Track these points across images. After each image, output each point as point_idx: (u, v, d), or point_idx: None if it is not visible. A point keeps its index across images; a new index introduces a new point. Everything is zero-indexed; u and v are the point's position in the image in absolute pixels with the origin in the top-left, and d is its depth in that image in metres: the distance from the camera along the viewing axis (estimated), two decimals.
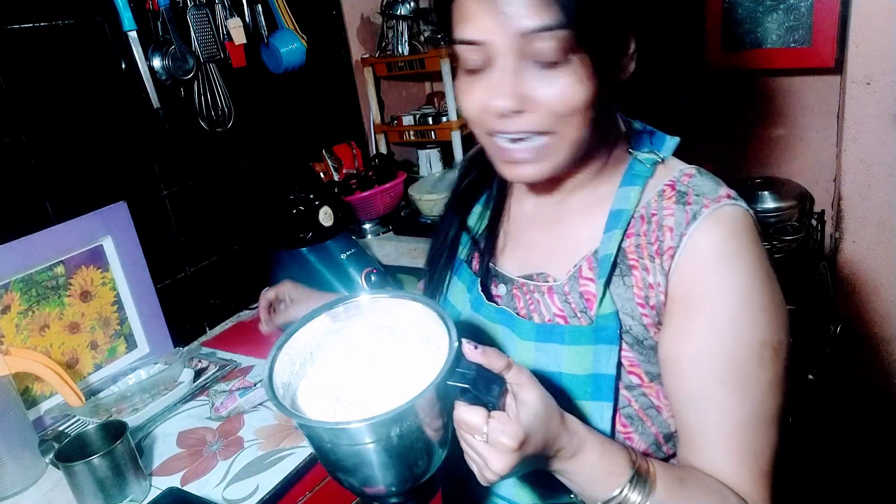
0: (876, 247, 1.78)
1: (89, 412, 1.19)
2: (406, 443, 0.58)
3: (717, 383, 0.65)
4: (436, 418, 0.60)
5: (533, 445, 0.58)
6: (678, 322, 0.66)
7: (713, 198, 0.66)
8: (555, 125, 0.63)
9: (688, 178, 0.70)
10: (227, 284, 1.63)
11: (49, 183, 1.29)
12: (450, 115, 2.01)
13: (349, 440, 0.58)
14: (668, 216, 0.67)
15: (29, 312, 1.24)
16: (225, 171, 1.63)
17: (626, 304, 0.69)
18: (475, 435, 0.57)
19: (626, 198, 0.70)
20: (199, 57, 1.50)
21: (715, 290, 0.64)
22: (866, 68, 1.65)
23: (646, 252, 0.68)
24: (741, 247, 0.65)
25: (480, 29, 0.61)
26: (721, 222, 0.65)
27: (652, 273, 0.67)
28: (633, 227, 0.70)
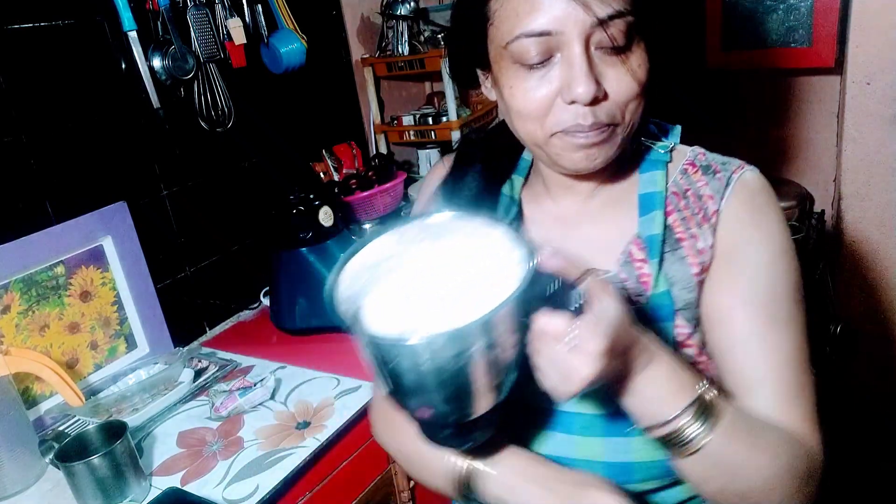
0: (876, 247, 1.78)
1: (89, 412, 1.19)
2: (483, 360, 0.54)
3: (765, 323, 0.68)
4: (512, 334, 0.55)
5: (618, 350, 0.57)
6: (723, 273, 0.70)
7: (736, 166, 0.73)
8: (619, 115, 0.65)
9: (703, 155, 0.75)
10: (227, 284, 1.63)
11: (49, 183, 1.29)
12: (449, 115, 2.01)
13: (430, 354, 0.53)
14: (704, 186, 0.72)
15: (29, 312, 1.24)
16: (225, 171, 1.63)
17: (682, 278, 0.71)
18: (560, 341, 0.55)
19: (652, 181, 0.73)
20: (199, 57, 1.50)
21: (754, 237, 0.70)
22: (866, 68, 1.65)
23: (693, 222, 0.71)
24: (768, 199, 0.72)
25: (549, 19, 0.60)
26: (749, 182, 0.72)
27: (701, 238, 0.71)
28: (670, 204, 0.73)
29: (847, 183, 1.77)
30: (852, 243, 1.81)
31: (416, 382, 0.56)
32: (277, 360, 1.38)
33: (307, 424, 1.15)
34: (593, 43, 0.61)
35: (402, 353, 0.54)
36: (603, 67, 0.63)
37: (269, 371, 1.33)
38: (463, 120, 2.04)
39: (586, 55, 0.61)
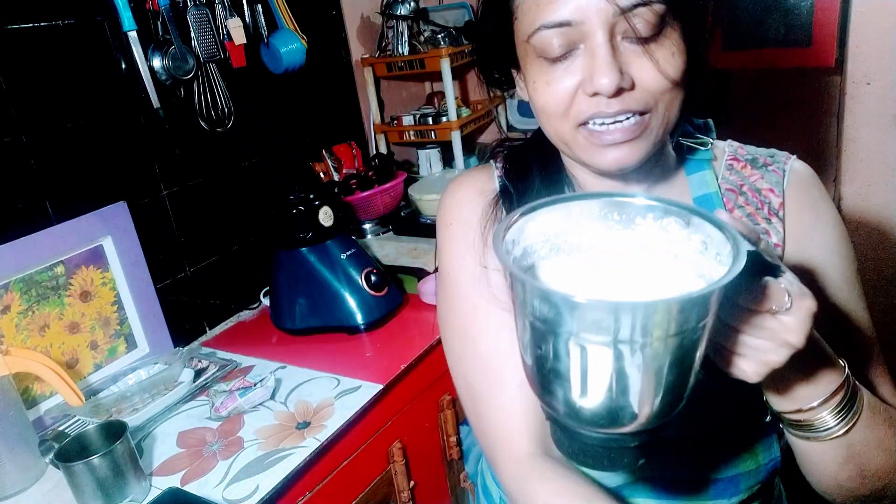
0: (876, 246, 1.78)
1: (89, 412, 1.19)
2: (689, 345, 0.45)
3: (847, 302, 0.71)
4: (716, 318, 0.47)
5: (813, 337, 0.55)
6: (798, 261, 0.71)
7: (783, 157, 0.75)
8: (651, 103, 0.61)
9: (741, 149, 0.76)
10: (227, 284, 1.63)
11: (49, 183, 1.29)
12: (449, 115, 2.01)
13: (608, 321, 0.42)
14: (759, 180, 0.73)
15: (29, 312, 1.24)
16: (225, 171, 1.63)
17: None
18: (772, 307, 0.50)
19: (703, 182, 0.73)
20: (199, 57, 1.50)
21: (820, 223, 0.72)
22: (866, 68, 1.65)
23: (759, 217, 0.71)
24: (821, 187, 0.74)
25: (570, 9, 0.59)
26: (801, 171, 0.74)
27: (774, 233, 0.71)
28: (729, 202, 0.72)
29: (847, 183, 1.77)
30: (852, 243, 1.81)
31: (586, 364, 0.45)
32: (277, 360, 1.38)
33: (307, 424, 1.15)
34: (619, 32, 0.59)
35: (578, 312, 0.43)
36: (630, 57, 0.60)
37: (269, 371, 1.33)
38: (463, 120, 2.04)
39: (610, 45, 0.59)
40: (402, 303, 1.52)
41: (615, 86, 0.59)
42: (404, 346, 1.37)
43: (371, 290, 1.44)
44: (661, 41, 0.60)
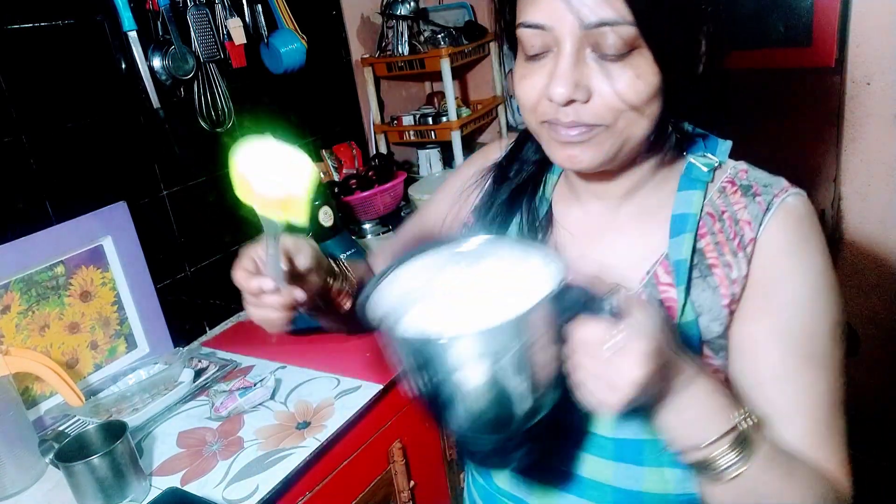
0: (876, 247, 1.78)
1: (89, 412, 1.19)
2: (519, 366, 0.53)
3: (801, 361, 0.65)
4: (548, 345, 0.55)
5: (662, 356, 0.55)
6: (756, 303, 0.66)
7: (779, 189, 0.68)
8: (608, 118, 0.62)
9: (744, 172, 0.71)
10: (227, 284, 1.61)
11: (49, 183, 1.29)
12: (449, 115, 2.01)
13: (462, 352, 0.53)
14: (742, 209, 0.68)
15: (29, 312, 1.24)
16: (225, 171, 1.63)
17: (712, 308, 0.67)
18: (605, 345, 0.53)
19: (689, 202, 0.69)
20: (199, 57, 1.50)
21: (795, 269, 0.66)
22: (866, 68, 1.65)
23: (727, 248, 0.67)
24: (811, 229, 0.67)
25: (545, 14, 0.60)
26: (793, 208, 0.67)
27: (736, 267, 0.67)
28: (703, 226, 0.69)
29: (847, 183, 1.77)
30: (852, 243, 1.81)
31: (455, 387, 0.54)
32: (277, 360, 1.38)
33: (307, 424, 1.15)
34: (589, 45, 0.59)
35: (438, 351, 0.53)
36: (593, 72, 0.60)
37: (269, 371, 1.33)
38: (463, 120, 2.04)
39: (575, 56, 0.60)
40: None
41: (566, 97, 0.60)
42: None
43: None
44: (628, 62, 0.59)
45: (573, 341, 0.56)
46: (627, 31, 0.57)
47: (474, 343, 0.52)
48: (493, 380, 0.54)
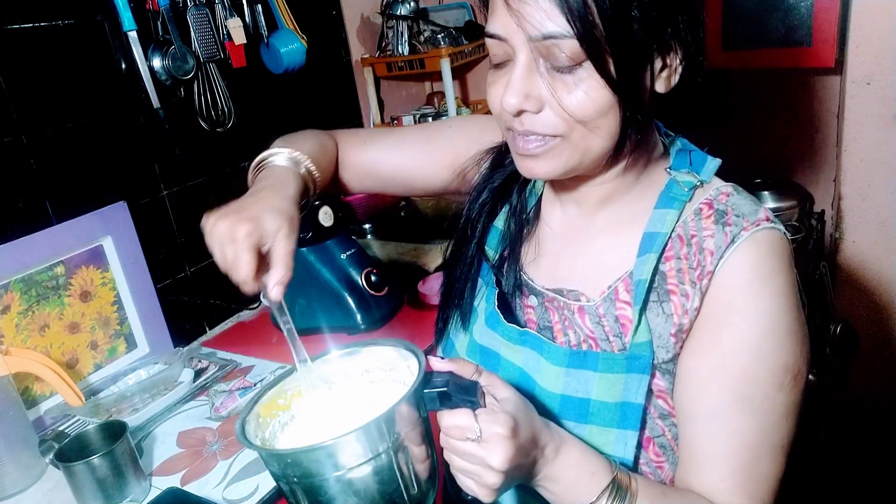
0: (876, 247, 1.78)
1: (89, 412, 1.19)
2: (391, 467, 0.57)
3: (734, 402, 0.64)
4: (418, 439, 0.60)
5: (523, 435, 0.59)
6: (704, 337, 0.65)
7: (752, 220, 0.65)
8: (563, 129, 0.62)
9: (725, 196, 0.69)
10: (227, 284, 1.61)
11: (49, 183, 1.29)
12: (449, 115, 2.01)
13: (332, 465, 0.56)
14: (708, 237, 0.66)
15: (29, 312, 1.24)
16: (225, 171, 1.63)
17: (662, 334, 0.67)
18: (467, 435, 0.57)
19: (662, 221, 0.68)
20: (199, 57, 1.50)
21: (746, 308, 0.64)
22: (866, 68, 1.65)
23: (687, 277, 0.66)
24: (775, 269, 0.64)
25: (502, 25, 0.61)
26: (759, 244, 0.65)
27: (691, 299, 0.66)
28: (671, 248, 0.68)
29: (847, 183, 1.77)
30: (852, 243, 1.81)
31: (332, 495, 0.57)
32: (277, 360, 1.38)
33: None
34: (542, 56, 0.60)
35: (311, 459, 0.56)
36: (548, 82, 0.61)
37: (269, 371, 1.33)
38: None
39: (527, 67, 0.61)
40: (402, 303, 1.52)
41: (516, 107, 0.62)
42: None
43: (371, 290, 1.44)
44: (577, 75, 0.59)
45: (442, 431, 0.59)
46: (571, 46, 0.57)
47: (339, 448, 0.55)
48: (365, 482, 0.57)
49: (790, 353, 0.64)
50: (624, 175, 0.70)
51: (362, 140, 0.94)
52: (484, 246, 0.83)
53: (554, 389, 0.70)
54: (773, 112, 1.94)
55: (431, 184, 0.91)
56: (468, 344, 0.82)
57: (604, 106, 0.60)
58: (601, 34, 0.57)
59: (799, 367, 0.65)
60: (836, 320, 1.75)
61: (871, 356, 1.86)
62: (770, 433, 0.65)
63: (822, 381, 1.66)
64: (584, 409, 0.69)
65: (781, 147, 1.95)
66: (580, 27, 0.56)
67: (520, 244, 0.80)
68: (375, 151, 0.92)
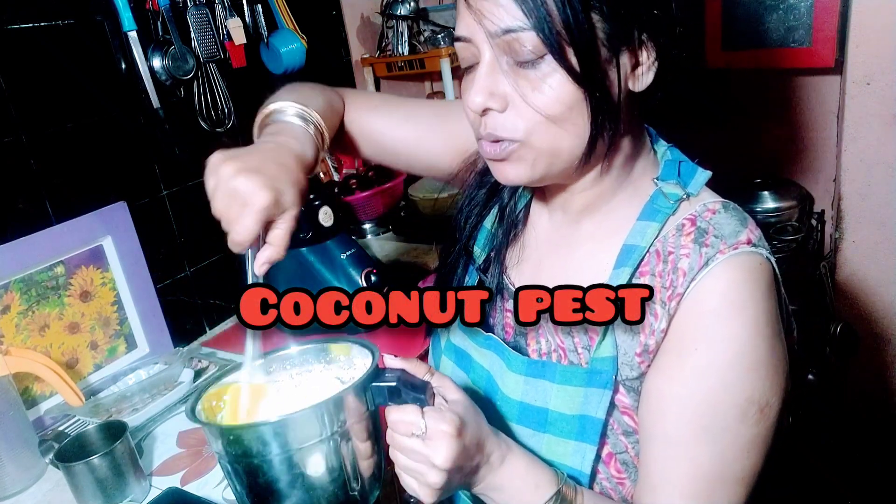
0: (876, 247, 1.78)
1: (89, 412, 1.19)
2: (335, 452, 0.58)
3: (693, 430, 0.62)
4: (365, 433, 0.61)
5: (469, 436, 0.59)
6: (668, 360, 0.64)
7: (731, 243, 0.62)
8: (522, 134, 0.61)
9: (710, 213, 0.65)
10: (227, 284, 1.63)
11: (49, 183, 1.29)
12: None
13: (279, 444, 0.57)
14: (684, 256, 0.63)
15: (29, 312, 1.24)
16: None
17: (627, 352, 0.65)
18: (413, 431, 0.58)
19: (643, 234, 0.66)
20: (199, 57, 1.50)
21: (713, 336, 0.61)
22: (866, 68, 1.65)
23: (658, 297, 0.64)
24: (749, 297, 0.61)
25: (465, 26, 0.62)
26: (735, 269, 0.61)
27: (659, 319, 0.63)
28: (647, 263, 0.65)
29: (847, 183, 1.77)
30: (852, 243, 1.81)
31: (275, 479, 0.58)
32: None
33: None
34: (505, 53, 0.60)
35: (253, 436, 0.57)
36: (512, 79, 0.60)
37: None
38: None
39: (490, 65, 0.61)
40: None
41: (481, 105, 0.61)
42: (404, 346, 1.37)
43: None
44: (541, 70, 0.59)
45: (388, 426, 0.60)
46: (531, 38, 0.57)
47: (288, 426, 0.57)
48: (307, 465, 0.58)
49: (757, 385, 0.61)
50: (601, 179, 0.68)
51: (373, 105, 0.91)
52: (472, 247, 0.82)
53: (514, 396, 0.71)
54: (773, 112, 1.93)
55: (436, 166, 0.89)
56: (445, 343, 0.82)
57: (569, 100, 0.59)
58: (559, 24, 0.56)
59: (767, 399, 0.62)
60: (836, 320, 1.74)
61: (871, 356, 1.86)
62: (730, 465, 0.62)
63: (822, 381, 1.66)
64: (543, 419, 0.68)
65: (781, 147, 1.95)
66: (535, 18, 0.56)
67: (506, 247, 0.79)
68: (384, 120, 0.89)
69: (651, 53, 0.62)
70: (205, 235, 1.58)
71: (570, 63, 0.58)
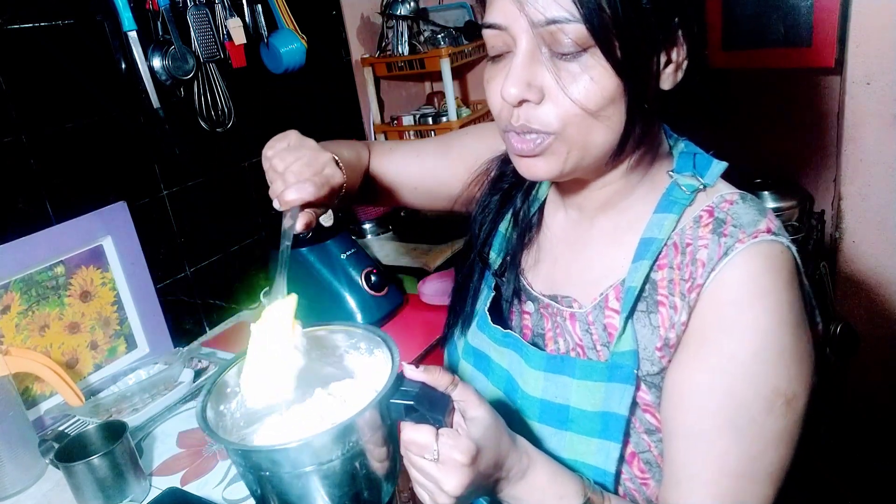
0: (876, 247, 1.78)
1: (89, 412, 1.19)
2: (349, 468, 0.57)
3: (716, 424, 0.61)
4: (380, 444, 0.59)
5: (485, 462, 0.58)
6: (690, 353, 0.62)
7: (750, 232, 0.61)
8: (557, 126, 0.60)
9: (728, 204, 0.64)
10: (227, 284, 1.63)
11: (49, 183, 1.29)
12: (449, 115, 2.01)
13: (290, 464, 0.56)
14: (702, 248, 0.62)
15: (29, 312, 1.24)
16: (225, 171, 1.63)
17: (647, 346, 0.65)
18: (425, 454, 0.57)
19: (660, 226, 0.65)
20: (199, 57, 1.50)
21: (734, 326, 0.60)
22: (866, 68, 1.65)
23: (678, 289, 0.63)
24: (772, 285, 0.60)
25: (501, 14, 0.60)
26: (755, 257, 0.60)
27: (679, 311, 0.63)
28: (665, 256, 0.65)
29: (847, 183, 1.77)
30: (852, 243, 1.81)
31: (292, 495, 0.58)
32: None
33: None
34: (546, 44, 0.58)
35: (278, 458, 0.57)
36: (551, 71, 0.58)
37: None
38: (463, 120, 2.04)
39: (529, 55, 0.59)
40: (402, 303, 1.52)
41: (517, 97, 0.59)
42: (404, 346, 1.36)
43: (371, 290, 1.44)
44: (583, 63, 0.57)
45: (402, 443, 0.59)
46: (577, 30, 0.56)
47: (303, 450, 0.56)
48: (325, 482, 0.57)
49: (782, 375, 0.60)
50: (628, 176, 0.68)
51: (387, 149, 0.95)
52: (487, 252, 0.82)
53: (534, 393, 0.70)
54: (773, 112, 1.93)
55: (453, 190, 0.90)
56: (463, 346, 0.82)
57: (610, 93, 0.58)
58: (608, 17, 0.55)
59: (794, 390, 0.61)
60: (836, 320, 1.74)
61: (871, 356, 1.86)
62: (757, 460, 0.61)
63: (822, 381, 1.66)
64: (564, 416, 0.67)
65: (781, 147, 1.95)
66: (587, 10, 0.55)
67: (521, 250, 0.79)
68: (397, 160, 0.93)
69: (682, 52, 0.62)
70: (205, 235, 1.58)
71: (616, 57, 0.56)
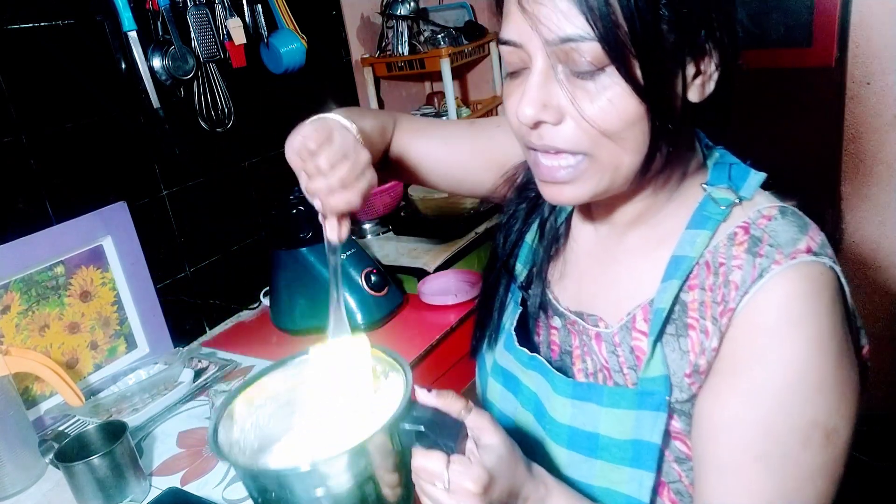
0: (876, 247, 1.78)
1: (89, 412, 1.19)
2: (360, 494, 0.56)
3: (749, 457, 0.57)
4: (391, 469, 0.58)
5: (498, 490, 0.56)
6: (722, 381, 0.58)
7: (788, 252, 0.56)
8: (587, 145, 0.56)
9: (766, 220, 0.60)
10: (227, 284, 1.63)
11: (49, 183, 1.29)
12: (449, 115, 2.01)
13: (300, 488, 0.56)
14: (736, 269, 0.58)
15: (29, 312, 1.24)
16: (225, 171, 1.63)
17: (676, 372, 0.61)
18: (435, 482, 0.55)
19: (692, 243, 0.61)
20: (199, 57, 1.50)
21: (768, 355, 0.56)
22: (866, 68, 1.66)
23: (709, 312, 0.59)
24: (810, 310, 0.55)
25: (517, 30, 0.57)
26: (793, 280, 0.56)
27: (711, 337, 0.59)
28: (696, 276, 0.60)
29: (847, 183, 1.77)
30: (852, 243, 1.81)
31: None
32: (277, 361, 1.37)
33: None
34: (560, 61, 0.55)
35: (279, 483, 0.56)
36: (568, 91, 0.55)
37: None
38: (463, 120, 2.04)
39: (544, 74, 0.56)
40: (402, 303, 1.52)
41: (532, 118, 0.56)
42: (404, 346, 1.37)
43: (371, 290, 1.44)
44: (600, 82, 0.54)
45: (413, 469, 0.57)
46: (593, 49, 0.52)
47: (312, 474, 0.55)
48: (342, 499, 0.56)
49: (821, 408, 0.56)
50: (658, 191, 0.64)
51: (416, 129, 0.91)
52: (513, 265, 0.80)
53: (562, 420, 0.67)
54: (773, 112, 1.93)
55: (480, 184, 0.87)
56: (492, 364, 0.79)
57: (630, 116, 0.54)
58: (625, 35, 0.52)
59: (834, 424, 0.56)
60: None
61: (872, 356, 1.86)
62: (792, 495, 0.56)
63: None
64: (594, 444, 0.65)
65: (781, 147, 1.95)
66: (602, 28, 0.51)
67: (547, 262, 0.76)
68: (424, 143, 0.89)
69: (713, 62, 0.59)
70: (205, 235, 1.58)
71: (635, 77, 0.53)
